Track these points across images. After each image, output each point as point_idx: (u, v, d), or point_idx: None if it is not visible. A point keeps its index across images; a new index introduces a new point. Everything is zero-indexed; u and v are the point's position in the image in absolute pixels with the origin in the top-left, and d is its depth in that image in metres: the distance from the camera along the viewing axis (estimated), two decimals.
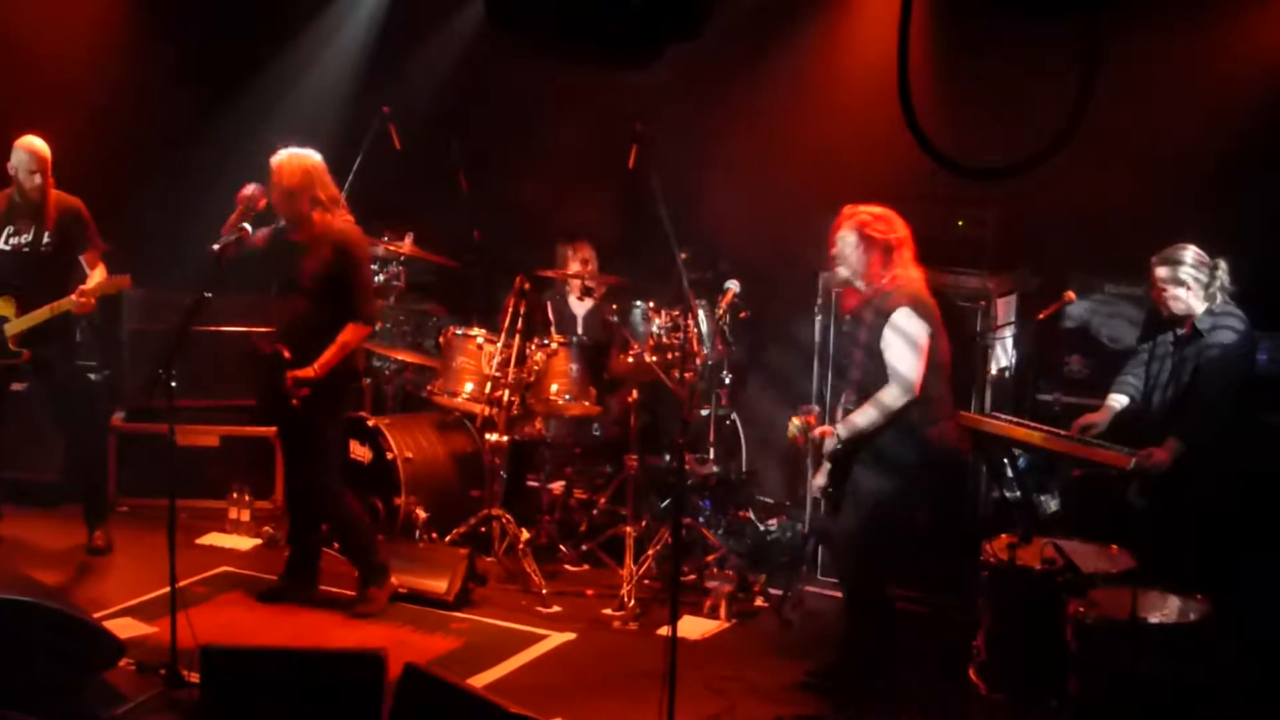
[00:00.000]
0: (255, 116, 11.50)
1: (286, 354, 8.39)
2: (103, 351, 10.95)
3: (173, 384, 7.76)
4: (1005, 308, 9.16)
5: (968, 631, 8.03)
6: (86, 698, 7.37)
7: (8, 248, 9.38)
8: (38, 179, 9.36)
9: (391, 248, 10.21)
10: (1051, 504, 8.76)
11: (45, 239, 9.40)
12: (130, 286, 9.71)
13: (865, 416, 7.71)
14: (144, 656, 7.83)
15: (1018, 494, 8.57)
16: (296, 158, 8.52)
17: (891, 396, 7.65)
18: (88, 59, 11.52)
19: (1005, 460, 8.47)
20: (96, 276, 9.47)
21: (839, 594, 8.61)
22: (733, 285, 9.56)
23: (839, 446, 7.81)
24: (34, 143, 9.40)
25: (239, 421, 10.84)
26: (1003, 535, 7.78)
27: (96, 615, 8.01)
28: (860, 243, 7.83)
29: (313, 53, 11.85)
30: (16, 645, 7.30)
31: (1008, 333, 9.14)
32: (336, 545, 9.17)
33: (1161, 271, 7.78)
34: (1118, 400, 8.11)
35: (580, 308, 10.61)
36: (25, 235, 9.40)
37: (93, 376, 10.80)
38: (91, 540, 9.75)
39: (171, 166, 11.55)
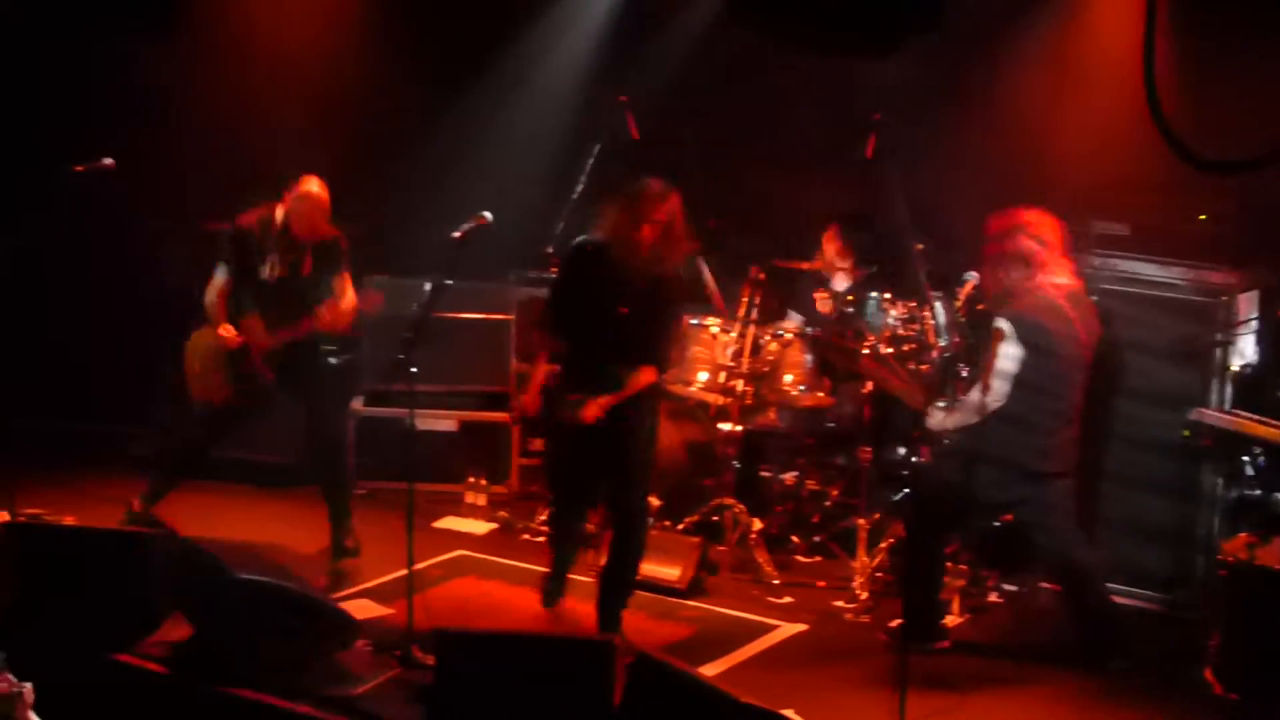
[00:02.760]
0: (492, 104, 11.64)
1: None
2: (344, 337, 11.11)
3: (413, 369, 7.86)
4: (1247, 304, 8.95)
5: (1201, 630, 7.90)
6: (323, 678, 7.48)
7: (272, 279, 9.33)
8: (314, 229, 9.31)
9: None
10: None
11: (305, 271, 9.36)
12: (382, 305, 9.77)
13: (953, 417, 8.11)
14: (380, 638, 7.93)
15: (1257, 493, 8.40)
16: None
17: (973, 404, 7.95)
18: (325, 53, 11.76)
19: (1245, 458, 8.32)
20: (347, 297, 9.42)
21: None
22: (971, 277, 9.43)
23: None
24: (315, 194, 9.29)
25: (477, 406, 10.98)
26: (1241, 534, 7.65)
27: (334, 596, 8.19)
28: (1009, 248, 7.99)
29: (548, 41, 11.93)
30: (256, 626, 7.48)
31: (1249, 329, 8.94)
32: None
33: None
34: None
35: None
36: (283, 267, 9.32)
37: (332, 361, 10.97)
38: (342, 541, 9.59)
39: (410, 154, 11.72)
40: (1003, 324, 7.95)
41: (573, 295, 8.33)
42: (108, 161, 9.35)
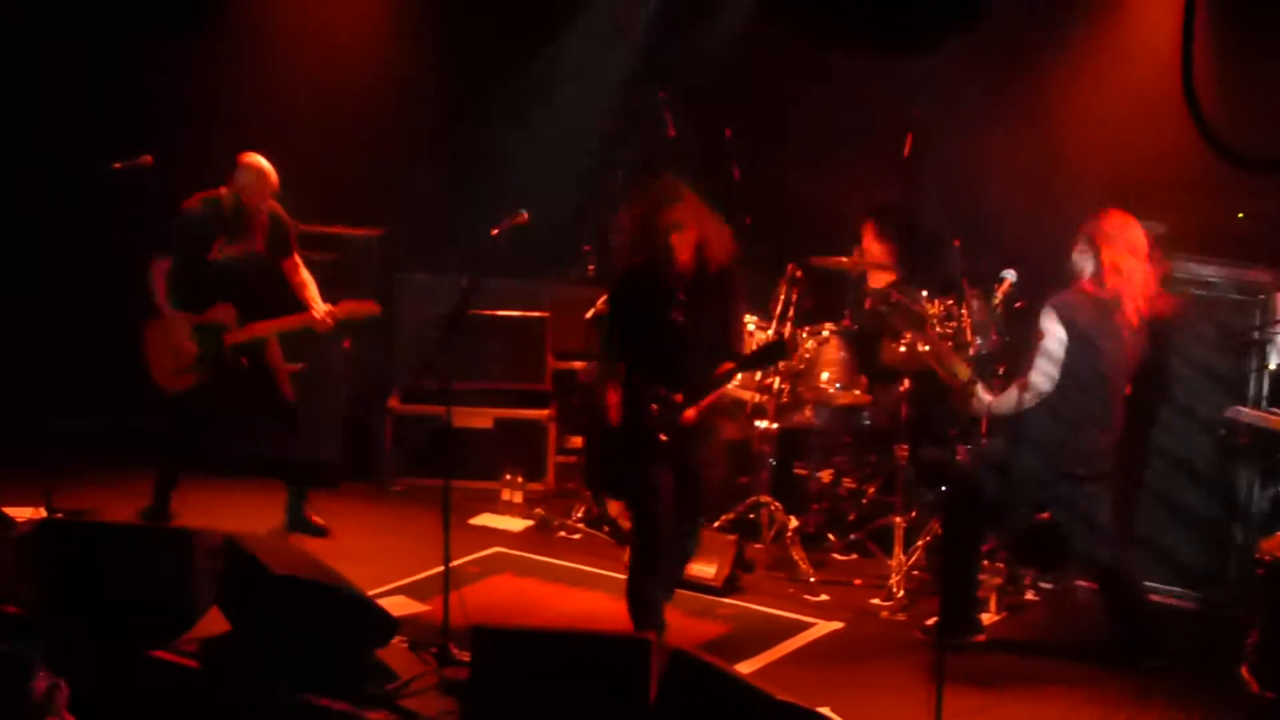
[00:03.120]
0: (529, 101, 11.66)
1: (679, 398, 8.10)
2: (381, 335, 11.17)
3: (449, 367, 7.88)
4: None
5: (1238, 628, 7.90)
6: (360, 675, 7.49)
7: (224, 258, 9.49)
8: (263, 199, 9.47)
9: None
10: None
11: (259, 248, 9.54)
12: (378, 312, 9.73)
13: (1000, 403, 8.20)
14: (417, 635, 7.95)
15: None
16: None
17: (1022, 390, 8.05)
18: (359, 49, 11.83)
19: None
20: (310, 285, 9.62)
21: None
22: (1009, 274, 9.40)
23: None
24: (264, 165, 9.43)
25: (513, 404, 11.00)
26: (1278, 532, 7.63)
27: (371, 593, 8.14)
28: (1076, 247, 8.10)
29: (586, 38, 11.92)
30: (295, 623, 7.51)
31: None
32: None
33: None
34: None
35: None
36: (241, 245, 9.49)
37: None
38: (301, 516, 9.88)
39: (446, 152, 11.77)
40: (1048, 309, 8.04)
41: (627, 319, 8.21)
42: (146, 158, 9.44)
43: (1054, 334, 7.98)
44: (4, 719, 6.34)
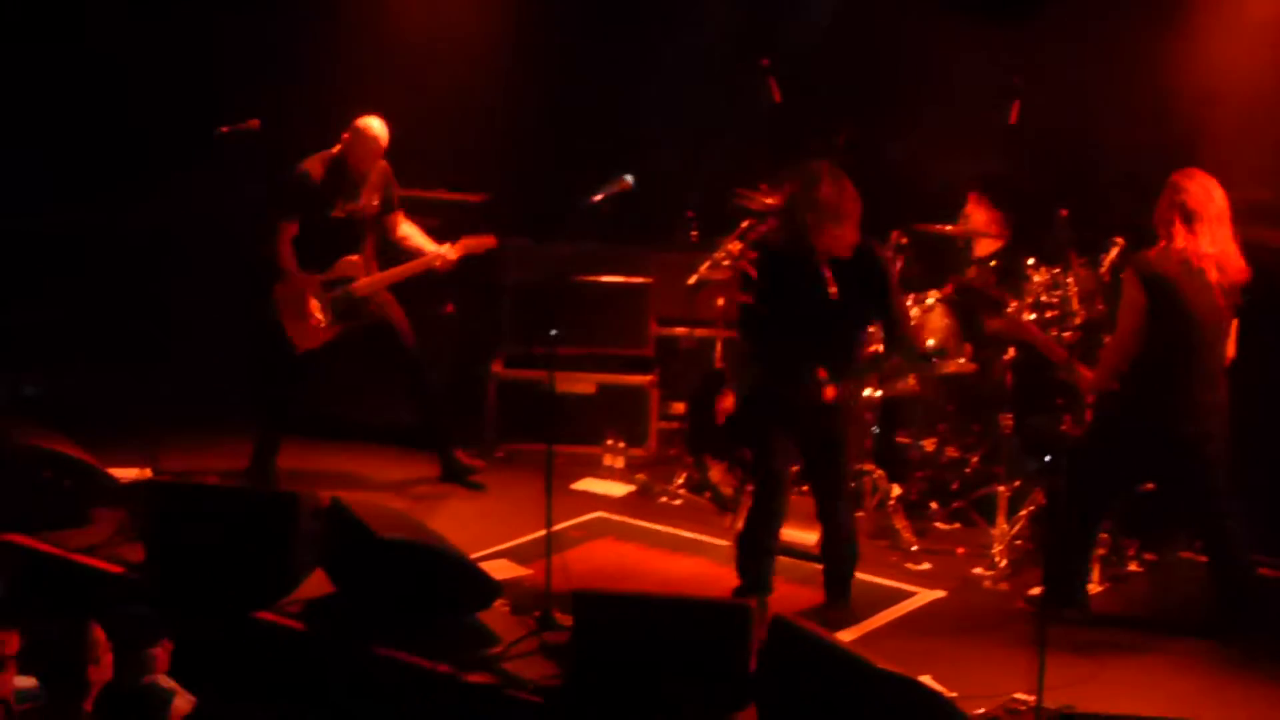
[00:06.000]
0: (633, 67, 11.67)
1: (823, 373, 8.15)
2: (486, 299, 11.25)
3: (553, 333, 7.93)
4: None
5: None
6: (462, 638, 7.59)
7: (344, 215, 9.72)
8: (377, 159, 9.74)
9: (770, 201, 10.21)
10: None
11: (374, 203, 9.80)
12: (495, 245, 9.94)
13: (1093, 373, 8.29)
14: (519, 598, 8.05)
15: None
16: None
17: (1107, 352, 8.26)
18: (463, 15, 11.95)
19: None
20: (415, 234, 9.91)
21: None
22: (1116, 243, 9.36)
23: None
24: (379, 128, 9.69)
25: (615, 369, 11.04)
26: None
27: (473, 556, 8.22)
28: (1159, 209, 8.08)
29: (690, 3, 11.90)
30: (400, 586, 7.62)
31: None
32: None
33: None
34: None
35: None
36: (358, 202, 9.74)
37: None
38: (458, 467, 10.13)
39: (550, 118, 11.81)
40: (1129, 272, 8.04)
41: (772, 293, 8.18)
42: (253, 123, 9.55)
43: (1134, 300, 7.96)
44: (131, 676, 6.50)
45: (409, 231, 9.97)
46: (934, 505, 9.90)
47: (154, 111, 11.53)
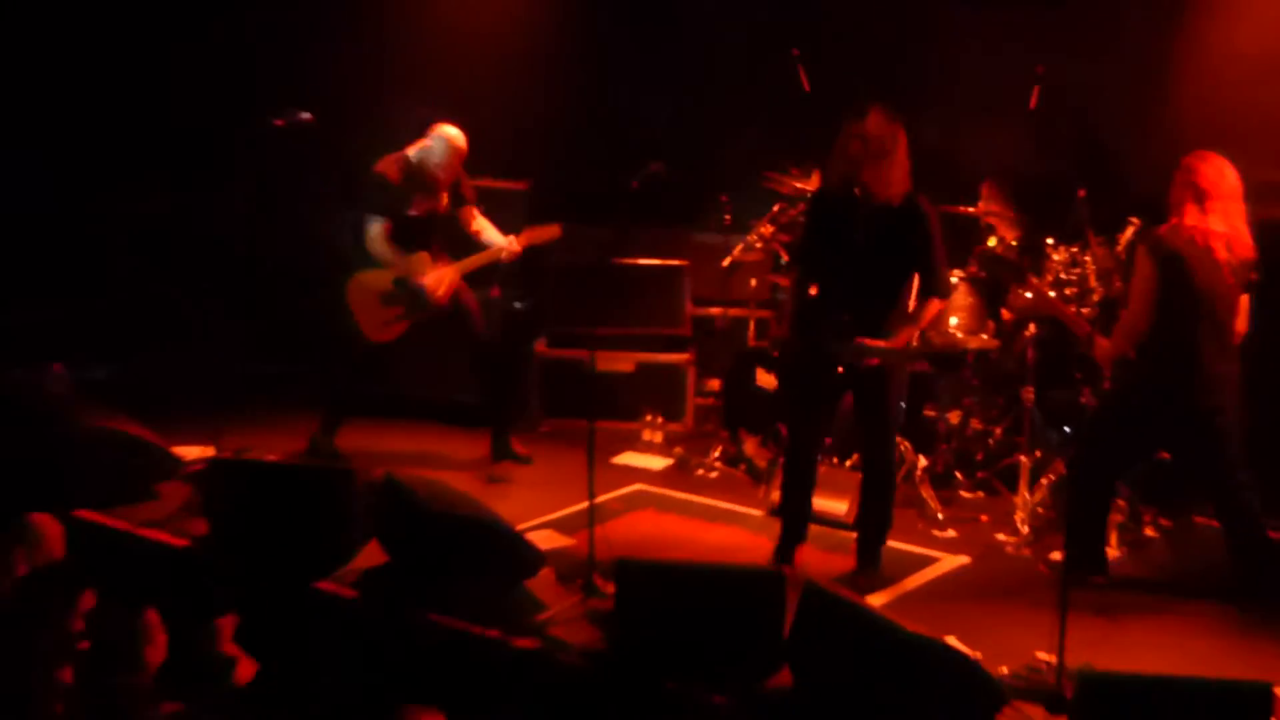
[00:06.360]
0: (668, 52, 11.88)
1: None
2: (527, 282, 11.53)
3: (516, 304, 8.01)
4: None
5: None
6: (511, 605, 7.74)
7: (422, 215, 9.94)
8: (455, 170, 9.96)
9: (800, 185, 10.47)
10: None
11: (445, 202, 10.01)
12: (561, 235, 10.13)
13: (1110, 344, 8.39)
14: (564, 567, 8.20)
15: None
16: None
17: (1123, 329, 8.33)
18: (505, 5, 12.17)
19: None
20: (488, 228, 10.09)
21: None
22: (1133, 222, 9.51)
23: None
24: (459, 139, 9.90)
25: (653, 348, 11.24)
26: None
27: (520, 528, 8.35)
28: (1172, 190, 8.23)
29: None
30: (452, 558, 7.79)
31: None
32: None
33: None
34: None
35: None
36: (431, 202, 9.95)
37: (516, 305, 11.33)
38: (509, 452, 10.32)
39: (588, 104, 12.03)
40: (1141, 248, 8.21)
41: (821, 243, 8.35)
42: (306, 115, 9.74)
43: (1146, 275, 8.13)
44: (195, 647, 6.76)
45: (483, 225, 10.13)
46: (959, 475, 10.09)
47: (214, 109, 11.72)
